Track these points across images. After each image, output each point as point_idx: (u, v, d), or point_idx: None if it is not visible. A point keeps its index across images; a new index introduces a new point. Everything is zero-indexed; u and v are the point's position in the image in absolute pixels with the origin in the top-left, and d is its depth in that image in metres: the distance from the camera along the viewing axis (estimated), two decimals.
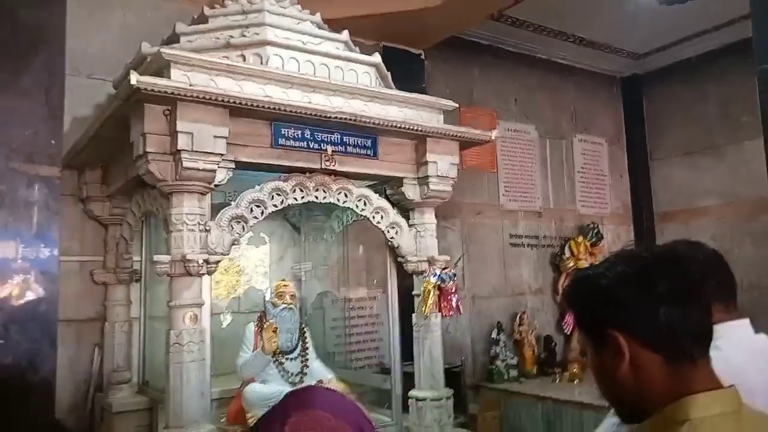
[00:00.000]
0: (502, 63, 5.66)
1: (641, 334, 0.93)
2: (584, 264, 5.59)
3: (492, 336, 5.08)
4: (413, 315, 3.18)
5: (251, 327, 3.23)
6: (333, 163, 2.88)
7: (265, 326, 3.11)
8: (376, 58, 3.15)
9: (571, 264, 5.58)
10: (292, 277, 4.08)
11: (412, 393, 3.12)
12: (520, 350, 5.10)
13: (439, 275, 3.06)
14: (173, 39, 2.95)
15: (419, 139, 3.12)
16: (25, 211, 0.91)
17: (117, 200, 3.39)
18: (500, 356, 4.98)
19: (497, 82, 5.68)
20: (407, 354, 3.26)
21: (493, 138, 3.25)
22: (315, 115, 2.71)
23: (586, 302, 1.02)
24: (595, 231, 5.78)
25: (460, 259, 5.29)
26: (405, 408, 3.19)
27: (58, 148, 0.92)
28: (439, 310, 3.13)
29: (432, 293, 3.03)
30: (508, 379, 4.87)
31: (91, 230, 3.56)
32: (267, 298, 3.32)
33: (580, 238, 5.70)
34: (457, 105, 3.32)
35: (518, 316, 5.23)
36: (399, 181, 3.14)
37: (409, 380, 3.24)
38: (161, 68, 2.52)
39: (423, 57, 4.98)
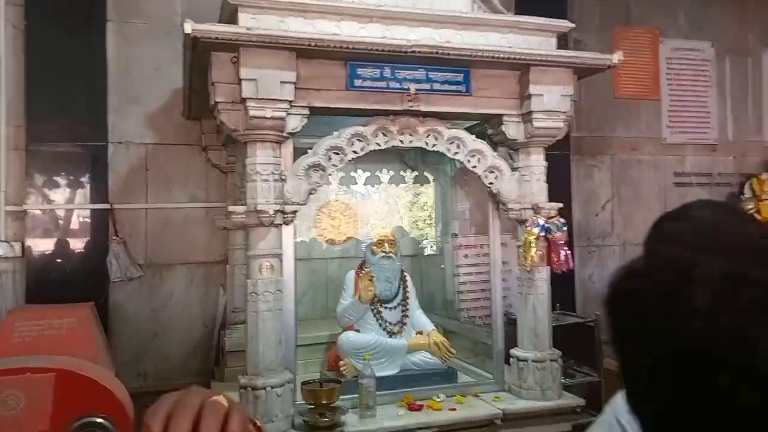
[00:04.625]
0: None
1: None
2: None
3: None
4: (516, 268, 2.88)
5: (351, 274, 3.20)
6: (417, 104, 2.63)
7: (361, 275, 3.05)
8: None
9: (752, 206, 4.69)
10: (404, 222, 3.96)
11: (513, 352, 2.86)
12: None
13: (543, 225, 2.71)
14: None
15: (523, 68, 2.73)
16: None
17: (230, 148, 3.50)
18: None
19: None
20: None
21: (615, 61, 2.71)
22: (391, 50, 2.47)
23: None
24: None
25: (608, 202, 4.73)
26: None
27: None
28: (549, 264, 2.80)
29: (534, 245, 2.70)
30: None
31: (215, 178, 3.74)
32: (366, 246, 3.23)
33: (765, 175, 4.74)
34: (572, 25, 2.82)
35: None
36: (499, 119, 2.79)
37: None
38: (232, 14, 2.46)
39: None
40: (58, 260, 3.44)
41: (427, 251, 3.83)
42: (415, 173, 3.91)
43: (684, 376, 0.47)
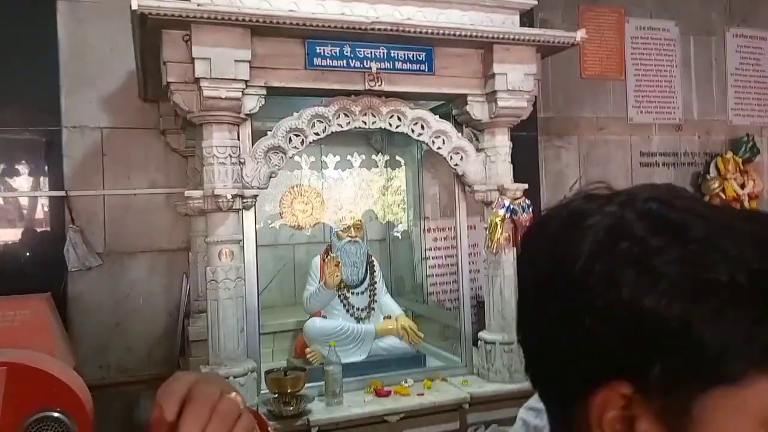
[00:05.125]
0: None
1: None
2: (733, 185, 4.73)
3: None
4: (483, 250, 2.85)
5: (317, 260, 3.13)
6: (379, 83, 2.56)
7: (327, 260, 3.00)
8: None
9: (717, 185, 4.74)
10: (376, 206, 3.90)
11: (481, 335, 2.84)
12: None
13: (509, 206, 2.68)
14: None
15: (486, 47, 2.68)
16: None
17: (189, 131, 3.39)
18: None
19: None
20: None
21: (578, 40, 2.68)
22: (351, 27, 2.40)
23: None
24: (750, 145, 4.81)
25: (576, 182, 4.73)
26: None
27: None
28: (515, 246, 2.77)
29: (499, 227, 2.67)
30: None
31: (175, 162, 3.63)
32: (333, 231, 3.17)
33: (729, 154, 4.79)
34: (535, 2, 2.77)
35: None
36: (463, 99, 2.75)
37: None
38: None
39: None
40: (13, 250, 3.31)
41: (397, 235, 3.78)
42: (386, 157, 3.84)
43: (560, 316, 0.50)
